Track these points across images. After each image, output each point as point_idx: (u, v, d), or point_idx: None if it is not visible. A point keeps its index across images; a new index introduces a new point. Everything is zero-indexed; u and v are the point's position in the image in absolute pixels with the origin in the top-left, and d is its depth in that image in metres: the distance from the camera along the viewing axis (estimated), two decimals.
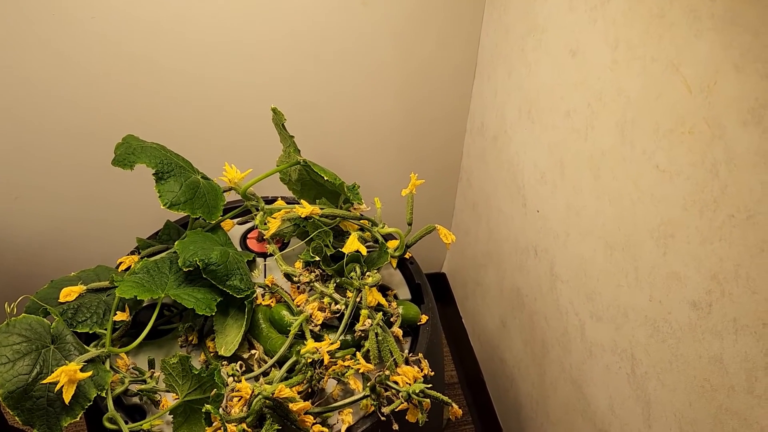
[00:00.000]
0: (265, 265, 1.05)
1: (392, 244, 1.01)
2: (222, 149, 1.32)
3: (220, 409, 0.76)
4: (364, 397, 0.82)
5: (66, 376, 0.74)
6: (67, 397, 0.74)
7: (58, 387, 0.74)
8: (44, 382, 0.74)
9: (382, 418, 0.80)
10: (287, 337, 0.89)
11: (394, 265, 1.03)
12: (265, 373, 0.86)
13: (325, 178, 0.95)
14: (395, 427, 0.80)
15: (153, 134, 1.08)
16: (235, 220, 1.06)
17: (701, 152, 0.66)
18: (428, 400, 0.77)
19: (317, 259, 0.94)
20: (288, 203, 1.07)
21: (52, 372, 0.76)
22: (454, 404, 0.78)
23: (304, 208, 0.95)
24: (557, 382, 1.06)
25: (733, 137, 0.61)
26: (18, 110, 1.17)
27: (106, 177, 1.29)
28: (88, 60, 1.14)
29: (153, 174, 0.91)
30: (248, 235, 1.10)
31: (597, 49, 0.85)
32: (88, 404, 0.77)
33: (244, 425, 0.74)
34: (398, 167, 1.48)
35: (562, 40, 0.94)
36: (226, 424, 0.73)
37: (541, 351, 1.11)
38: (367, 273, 0.92)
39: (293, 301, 0.93)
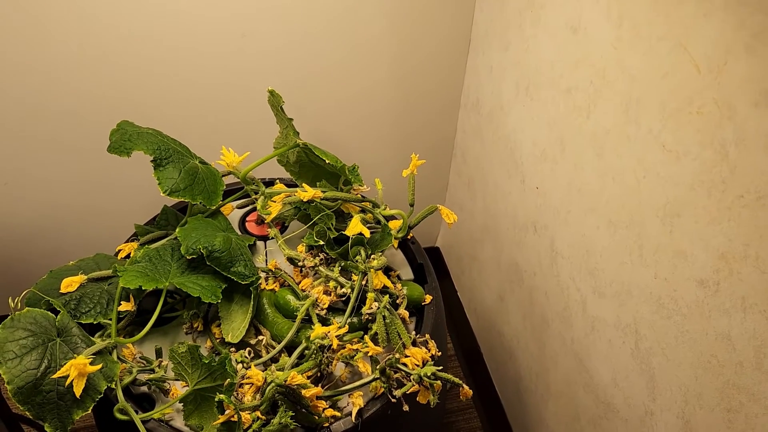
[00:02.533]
0: (266, 249, 1.04)
1: (394, 225, 1.01)
2: (214, 132, 1.30)
3: (232, 397, 0.76)
4: (374, 379, 0.82)
5: (76, 369, 0.73)
6: (78, 390, 0.74)
7: (68, 381, 0.73)
8: (54, 376, 0.74)
9: (393, 401, 0.81)
10: (293, 321, 0.89)
11: (396, 245, 1.03)
12: (274, 359, 0.87)
13: (327, 161, 0.94)
14: (405, 408, 0.81)
15: (143, 116, 1.06)
16: (235, 204, 1.05)
17: (710, 132, 0.66)
18: (439, 382, 0.78)
19: (321, 243, 0.94)
20: (287, 185, 1.07)
21: (61, 366, 0.75)
22: (465, 385, 0.79)
23: (306, 192, 0.94)
24: (558, 355, 1.08)
25: (743, 118, 0.61)
26: (5, 93, 1.14)
27: (97, 161, 1.27)
28: (78, 42, 1.10)
29: (151, 161, 0.89)
30: (247, 218, 1.09)
31: (599, 26, 0.84)
32: (99, 396, 0.77)
33: (258, 413, 0.75)
34: (390, 144, 1.47)
35: (562, 16, 0.93)
36: (240, 413, 0.73)
37: (541, 325, 1.13)
38: (372, 256, 0.92)
39: (298, 285, 0.93)
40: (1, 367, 0.72)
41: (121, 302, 0.86)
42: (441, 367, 0.80)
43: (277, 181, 1.10)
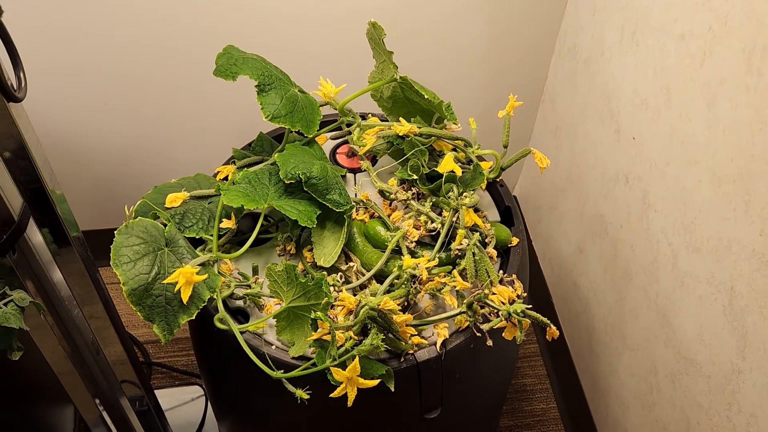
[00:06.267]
0: (355, 180, 1.06)
1: (484, 166, 1.01)
2: (305, 64, 1.31)
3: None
4: (461, 313, 0.84)
5: (184, 277, 0.78)
6: (185, 297, 0.78)
7: (176, 288, 0.78)
8: (164, 282, 0.79)
9: (478, 335, 0.83)
10: (382, 251, 0.91)
11: (483, 187, 1.03)
12: (363, 285, 0.89)
13: (426, 97, 0.94)
14: (489, 343, 0.83)
15: (244, 43, 1.08)
16: (329, 135, 1.07)
17: None
18: (527, 319, 0.80)
19: (414, 177, 0.95)
20: (380, 120, 1.07)
21: (169, 273, 0.80)
22: (552, 325, 0.80)
23: (402, 126, 0.94)
24: (639, 309, 1.07)
25: None
26: (109, 13, 1.18)
27: (195, 85, 1.31)
28: None
29: (255, 86, 0.91)
30: (338, 151, 1.11)
31: None
32: (203, 305, 0.82)
33: (351, 333, 0.78)
34: (477, 86, 1.45)
35: None
36: (335, 331, 0.76)
37: (623, 278, 1.12)
38: (464, 194, 0.93)
39: (389, 218, 0.95)
40: (118, 269, 0.78)
41: (223, 219, 0.90)
42: (530, 306, 0.81)
43: (370, 115, 1.11)
